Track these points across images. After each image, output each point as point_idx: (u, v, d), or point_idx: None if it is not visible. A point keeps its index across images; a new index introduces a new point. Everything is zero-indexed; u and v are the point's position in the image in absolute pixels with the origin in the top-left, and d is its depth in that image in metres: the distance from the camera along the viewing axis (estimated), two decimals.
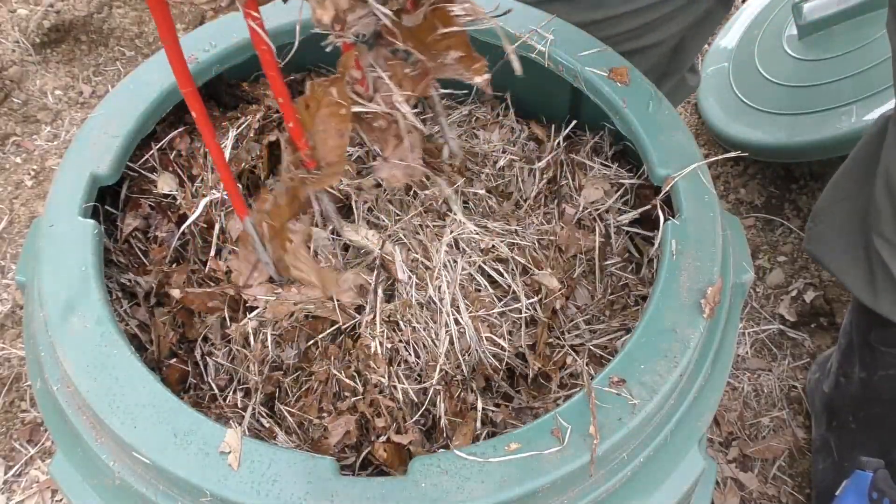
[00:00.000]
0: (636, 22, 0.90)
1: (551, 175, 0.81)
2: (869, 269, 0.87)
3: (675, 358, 0.59)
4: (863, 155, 0.88)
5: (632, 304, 0.74)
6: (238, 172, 0.76)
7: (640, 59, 0.94)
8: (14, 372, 1.09)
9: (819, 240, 0.94)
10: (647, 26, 0.91)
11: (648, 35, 0.92)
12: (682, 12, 0.92)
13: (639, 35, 0.92)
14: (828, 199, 0.94)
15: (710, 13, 0.96)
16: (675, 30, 0.94)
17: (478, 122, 0.87)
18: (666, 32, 0.93)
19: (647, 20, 0.90)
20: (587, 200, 0.79)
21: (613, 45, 0.89)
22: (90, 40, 1.49)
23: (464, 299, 0.68)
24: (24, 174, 1.30)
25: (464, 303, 0.68)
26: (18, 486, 1.02)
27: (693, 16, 0.94)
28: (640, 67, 0.92)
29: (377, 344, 0.65)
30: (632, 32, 0.91)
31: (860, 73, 1.21)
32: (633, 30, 0.91)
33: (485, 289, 0.70)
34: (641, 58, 0.94)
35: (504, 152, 0.82)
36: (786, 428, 1.11)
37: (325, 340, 0.68)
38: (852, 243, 0.89)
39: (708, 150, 1.45)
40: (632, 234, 0.78)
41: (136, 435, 0.54)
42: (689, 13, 0.93)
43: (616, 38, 0.90)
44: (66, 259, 0.63)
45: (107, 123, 0.72)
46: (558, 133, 0.84)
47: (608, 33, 0.88)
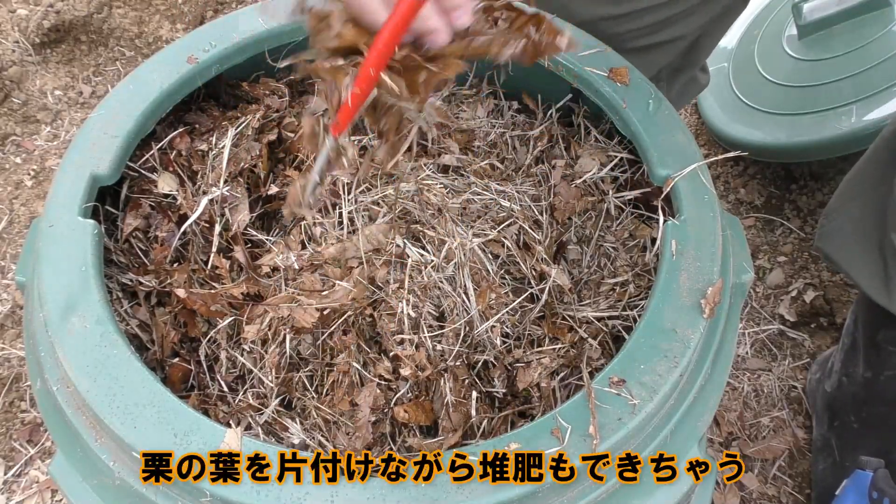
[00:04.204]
0: (657, 17, 0.90)
1: (545, 145, 0.82)
2: (883, 268, 0.86)
3: (675, 358, 0.59)
4: (879, 153, 0.88)
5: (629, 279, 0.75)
6: (238, 172, 0.76)
7: (657, 55, 0.94)
8: (14, 372, 1.09)
9: (831, 238, 0.93)
10: (667, 21, 0.91)
11: (668, 30, 0.92)
12: (702, 8, 0.92)
13: (658, 30, 0.91)
14: (842, 197, 0.93)
15: (728, 9, 0.95)
16: (695, 25, 0.94)
17: (459, 99, 0.88)
18: (685, 28, 0.93)
19: (668, 15, 0.90)
20: (582, 169, 0.80)
21: (633, 39, 0.89)
22: (90, 40, 1.49)
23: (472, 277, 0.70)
24: (24, 174, 1.30)
25: (472, 283, 0.70)
26: (18, 486, 1.02)
27: (713, 12, 0.94)
28: (658, 62, 0.92)
29: (405, 304, 0.67)
30: (652, 27, 0.91)
31: (860, 73, 1.21)
32: (653, 24, 0.90)
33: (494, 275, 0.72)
34: (659, 53, 0.94)
35: (493, 127, 0.84)
36: (786, 428, 1.11)
37: (338, 331, 0.68)
38: (866, 242, 0.88)
39: (708, 150, 1.45)
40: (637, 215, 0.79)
41: (136, 435, 0.54)
42: (708, 9, 0.93)
43: (636, 33, 0.89)
44: (66, 259, 0.63)
45: (107, 123, 0.72)
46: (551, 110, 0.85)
47: (628, 28, 0.88)
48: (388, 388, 0.66)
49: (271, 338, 0.68)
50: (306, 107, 0.75)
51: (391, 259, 0.71)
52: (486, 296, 0.69)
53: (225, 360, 0.69)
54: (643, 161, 0.74)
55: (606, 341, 0.71)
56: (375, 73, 0.58)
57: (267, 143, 0.78)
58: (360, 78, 0.59)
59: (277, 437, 0.65)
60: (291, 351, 0.68)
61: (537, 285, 0.73)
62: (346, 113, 0.62)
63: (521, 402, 0.68)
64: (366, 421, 0.64)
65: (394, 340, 0.67)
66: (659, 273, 0.65)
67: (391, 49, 0.57)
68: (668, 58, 0.96)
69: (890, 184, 0.83)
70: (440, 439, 0.64)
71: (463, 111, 0.87)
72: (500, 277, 0.73)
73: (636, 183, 0.80)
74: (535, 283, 0.73)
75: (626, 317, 0.71)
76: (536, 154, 0.82)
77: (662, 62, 0.96)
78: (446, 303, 0.69)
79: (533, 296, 0.73)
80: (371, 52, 0.58)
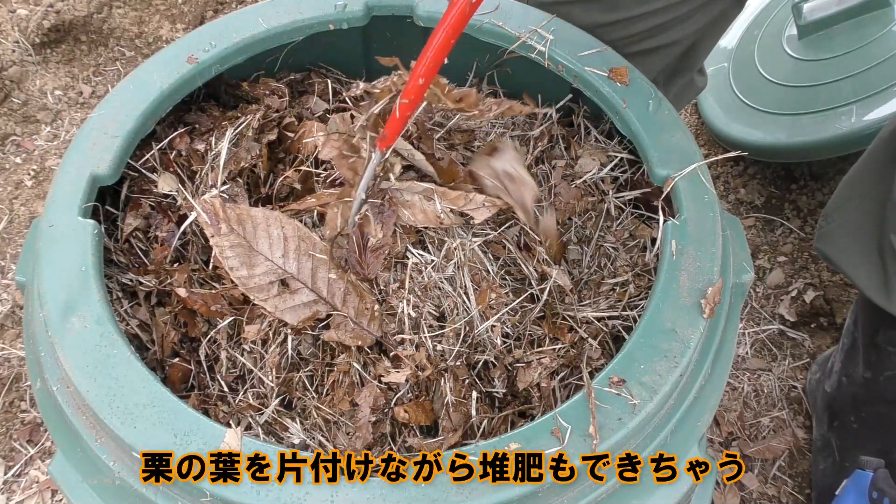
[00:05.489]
0: (651, 22, 0.90)
1: (546, 145, 0.82)
2: (882, 269, 0.86)
3: (675, 358, 0.59)
4: (878, 153, 0.88)
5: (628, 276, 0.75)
6: (238, 172, 0.76)
7: (654, 59, 0.94)
8: (14, 372, 1.09)
9: (830, 239, 0.93)
10: (663, 26, 0.91)
11: (663, 35, 0.92)
12: (699, 13, 0.92)
13: (654, 35, 0.91)
14: (841, 197, 0.93)
15: (724, 13, 0.95)
16: (691, 30, 0.94)
17: None
18: (681, 32, 0.93)
19: (663, 21, 0.90)
20: (582, 169, 0.80)
21: (628, 45, 0.89)
22: (90, 40, 1.49)
23: (472, 277, 0.70)
24: (24, 174, 1.30)
25: (471, 283, 0.70)
26: (18, 486, 1.02)
27: (709, 16, 0.94)
28: (654, 67, 0.92)
29: (405, 304, 0.67)
30: (647, 33, 0.91)
31: (860, 73, 1.21)
32: (647, 30, 0.90)
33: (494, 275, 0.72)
34: (655, 57, 0.94)
35: (493, 127, 0.84)
36: (786, 428, 1.11)
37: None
38: (865, 243, 0.88)
39: (708, 150, 1.45)
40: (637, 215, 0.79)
41: (136, 435, 0.54)
42: (705, 14, 0.93)
43: (631, 38, 0.89)
44: (66, 259, 0.63)
45: (107, 123, 0.72)
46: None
47: (623, 34, 0.88)
48: (388, 389, 0.66)
49: (272, 337, 0.68)
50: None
51: (392, 259, 0.71)
52: (487, 296, 0.69)
53: (225, 360, 0.69)
54: (643, 161, 0.74)
55: (606, 341, 0.71)
56: (426, 83, 0.56)
57: (267, 143, 0.78)
58: (410, 88, 0.56)
59: (277, 437, 0.65)
60: (292, 351, 0.68)
61: (538, 286, 0.73)
62: (395, 125, 0.59)
63: (521, 402, 0.68)
64: (366, 421, 0.64)
65: (394, 340, 0.67)
66: (659, 273, 0.65)
67: (442, 58, 0.55)
68: (664, 62, 0.96)
69: (888, 185, 0.83)
70: (440, 439, 0.64)
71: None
72: (500, 278, 0.73)
73: (636, 183, 0.80)
74: (536, 284, 0.73)
75: (626, 317, 0.71)
76: (536, 154, 0.82)
77: (659, 67, 0.96)
78: (446, 303, 0.69)
79: (533, 296, 0.73)
80: (420, 61, 0.55)
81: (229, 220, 0.68)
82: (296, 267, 0.68)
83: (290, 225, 0.70)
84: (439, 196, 0.72)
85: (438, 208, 0.71)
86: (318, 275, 0.68)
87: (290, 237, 0.69)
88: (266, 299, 0.67)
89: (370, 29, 0.84)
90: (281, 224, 0.69)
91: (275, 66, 0.86)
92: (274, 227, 0.69)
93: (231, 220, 0.68)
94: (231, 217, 0.68)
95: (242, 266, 0.67)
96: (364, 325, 0.67)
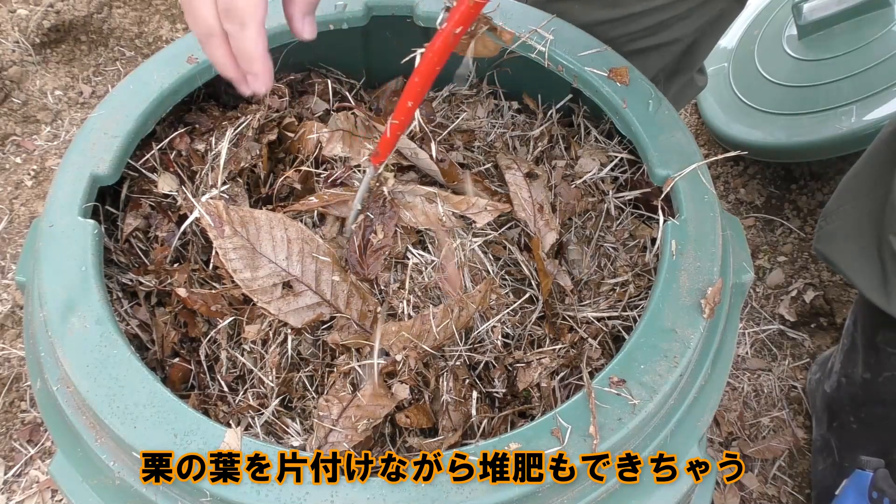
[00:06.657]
0: (652, 20, 0.90)
1: (546, 145, 0.83)
2: (882, 270, 0.86)
3: (675, 358, 0.59)
4: (877, 154, 0.88)
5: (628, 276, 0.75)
6: (238, 171, 0.76)
7: (654, 57, 0.94)
8: (14, 372, 1.09)
9: (829, 240, 0.93)
10: (663, 24, 0.91)
11: (664, 33, 0.92)
12: (698, 11, 0.92)
13: (654, 32, 0.91)
14: (839, 198, 0.93)
15: (725, 12, 0.95)
16: (691, 28, 0.94)
17: (459, 99, 0.88)
18: (681, 31, 0.93)
19: (663, 18, 0.90)
20: (582, 169, 0.80)
21: (629, 43, 0.88)
22: (90, 40, 1.49)
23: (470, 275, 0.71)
24: (24, 174, 1.30)
25: (470, 281, 0.70)
26: (18, 486, 1.02)
27: (709, 14, 0.94)
28: (654, 65, 0.92)
29: (406, 304, 0.67)
30: (647, 30, 0.91)
31: (860, 73, 1.21)
32: (648, 28, 0.90)
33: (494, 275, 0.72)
34: (656, 55, 0.94)
35: (493, 127, 0.84)
36: (786, 428, 1.11)
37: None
38: (864, 244, 0.88)
39: (708, 150, 1.45)
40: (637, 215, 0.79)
41: (136, 435, 0.54)
42: (705, 12, 0.93)
43: (631, 36, 0.89)
44: (66, 259, 0.63)
45: (107, 123, 0.72)
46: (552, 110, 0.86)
47: (624, 31, 0.88)
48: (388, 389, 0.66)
49: (272, 338, 0.68)
50: None
51: (392, 260, 0.71)
52: (487, 296, 0.70)
53: (225, 360, 0.69)
54: (643, 161, 0.74)
55: (606, 341, 0.71)
56: (414, 106, 0.62)
57: (267, 143, 0.78)
58: (399, 110, 0.62)
59: (277, 437, 0.65)
60: (292, 351, 0.68)
61: (538, 286, 0.73)
62: (386, 144, 0.66)
63: (521, 402, 0.68)
64: None
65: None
66: (659, 273, 0.65)
67: (428, 83, 0.61)
68: (664, 61, 0.96)
69: (887, 185, 0.83)
70: (440, 439, 0.64)
71: (463, 111, 0.87)
72: (500, 278, 0.73)
73: (636, 183, 0.80)
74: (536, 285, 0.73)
75: (626, 317, 0.72)
76: (536, 154, 0.82)
77: (659, 65, 0.96)
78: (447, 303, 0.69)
79: (533, 296, 0.73)
80: (409, 86, 0.61)
81: (233, 223, 0.68)
82: (300, 269, 0.68)
83: (293, 227, 0.70)
84: (442, 200, 0.72)
85: (440, 211, 0.71)
86: (321, 277, 0.68)
87: (294, 239, 0.69)
88: (269, 302, 0.67)
89: (370, 29, 0.84)
90: (284, 226, 0.69)
91: (275, 65, 0.86)
92: (277, 230, 0.69)
93: (235, 222, 0.68)
94: (235, 219, 0.68)
95: (246, 268, 0.67)
96: (367, 327, 0.67)
